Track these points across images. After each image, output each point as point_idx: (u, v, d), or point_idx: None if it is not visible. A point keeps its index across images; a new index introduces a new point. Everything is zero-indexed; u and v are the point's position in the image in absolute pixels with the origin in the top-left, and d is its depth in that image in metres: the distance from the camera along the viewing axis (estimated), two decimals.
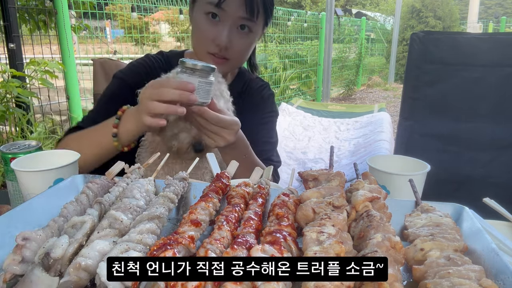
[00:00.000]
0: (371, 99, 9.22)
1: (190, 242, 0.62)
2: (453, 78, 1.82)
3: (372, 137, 3.98)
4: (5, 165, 1.07)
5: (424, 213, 0.76)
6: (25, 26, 3.92)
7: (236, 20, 1.19)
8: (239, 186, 0.85)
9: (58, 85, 3.97)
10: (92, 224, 0.67)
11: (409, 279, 0.64)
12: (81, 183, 0.91)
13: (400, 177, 0.96)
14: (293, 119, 5.10)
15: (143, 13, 6.03)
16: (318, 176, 0.86)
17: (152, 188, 0.83)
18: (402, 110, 1.94)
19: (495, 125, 1.77)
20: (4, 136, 3.67)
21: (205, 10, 1.19)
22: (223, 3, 1.15)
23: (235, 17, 1.18)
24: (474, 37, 1.84)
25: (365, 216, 0.69)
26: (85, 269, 0.57)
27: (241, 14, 1.18)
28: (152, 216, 0.68)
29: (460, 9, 13.59)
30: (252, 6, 1.17)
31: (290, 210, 0.74)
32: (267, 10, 1.24)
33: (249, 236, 0.64)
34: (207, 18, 1.20)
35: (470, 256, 0.64)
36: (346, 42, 10.58)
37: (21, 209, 0.75)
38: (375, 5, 24.33)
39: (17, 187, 1.04)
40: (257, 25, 1.24)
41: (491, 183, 1.74)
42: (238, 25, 1.20)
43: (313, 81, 8.61)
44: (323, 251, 0.57)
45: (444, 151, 1.84)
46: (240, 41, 1.22)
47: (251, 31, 1.23)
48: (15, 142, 1.12)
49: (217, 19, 1.19)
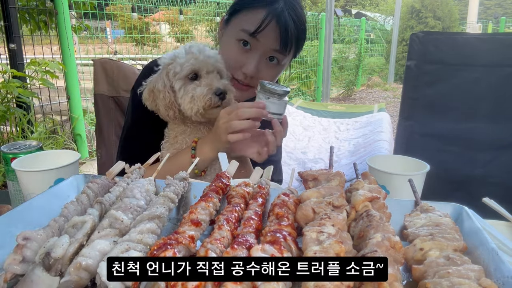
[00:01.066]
0: (370, 99, 9.22)
1: (190, 242, 0.62)
2: (453, 78, 1.82)
3: (372, 137, 3.98)
4: (6, 165, 1.07)
5: (424, 213, 0.76)
6: (26, 26, 3.92)
7: (267, 52, 1.18)
8: (239, 186, 0.85)
9: (59, 85, 3.98)
10: (92, 224, 0.67)
11: (409, 278, 0.64)
12: (82, 183, 0.91)
13: (400, 177, 0.96)
14: (293, 119, 5.09)
15: (144, 13, 6.04)
16: (318, 176, 0.86)
17: (152, 188, 0.83)
18: (402, 110, 1.95)
19: (494, 125, 1.77)
20: (4, 136, 3.67)
21: (238, 36, 1.17)
22: (258, 34, 1.14)
23: (267, 49, 1.17)
24: (474, 37, 1.84)
25: (364, 216, 0.69)
26: (85, 268, 0.57)
27: (274, 46, 1.16)
28: (152, 216, 0.69)
29: (459, 10, 13.60)
30: (287, 40, 1.15)
31: (290, 210, 0.74)
32: (299, 44, 1.23)
33: (249, 236, 0.64)
34: (239, 44, 1.18)
35: (469, 255, 0.64)
36: (346, 42, 10.58)
37: (21, 209, 0.75)
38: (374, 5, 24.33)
39: (18, 187, 1.04)
40: (287, 58, 1.22)
41: (491, 183, 1.75)
42: (268, 56, 1.19)
43: (313, 81, 8.61)
44: (323, 251, 0.57)
45: (443, 151, 1.84)
46: (267, 72, 1.21)
47: (280, 63, 1.22)
48: (16, 142, 1.13)
49: (248, 47, 1.18)
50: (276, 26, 1.14)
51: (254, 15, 1.14)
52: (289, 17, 1.15)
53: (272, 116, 1.11)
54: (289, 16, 1.15)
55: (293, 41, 1.18)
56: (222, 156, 1.07)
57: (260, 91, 1.12)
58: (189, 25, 7.52)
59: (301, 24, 1.19)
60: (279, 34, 1.14)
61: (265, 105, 1.09)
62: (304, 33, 1.23)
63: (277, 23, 1.13)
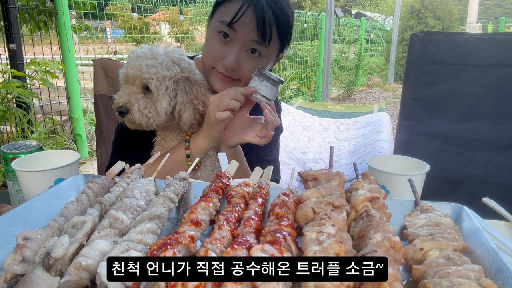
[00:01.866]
0: (370, 99, 9.22)
1: (190, 242, 0.62)
2: (453, 78, 1.83)
3: (372, 137, 3.99)
4: (6, 165, 1.07)
5: (424, 213, 0.76)
6: (26, 26, 3.92)
7: (246, 43, 1.16)
8: (239, 186, 0.85)
9: (59, 85, 3.98)
10: (92, 224, 0.67)
11: (409, 278, 0.64)
12: (82, 183, 0.91)
13: (400, 177, 0.96)
14: (293, 119, 5.10)
15: (143, 13, 6.04)
16: (318, 176, 0.86)
17: (152, 188, 0.83)
18: (402, 110, 1.95)
19: (494, 125, 1.77)
20: (4, 136, 3.67)
21: (218, 28, 1.17)
22: (234, 24, 1.13)
23: (246, 40, 1.15)
24: (474, 37, 1.84)
25: (364, 216, 0.69)
26: (85, 268, 0.57)
27: (252, 37, 1.15)
28: (152, 216, 0.69)
29: (459, 10, 13.60)
30: (265, 30, 1.13)
31: (290, 210, 0.74)
32: (282, 37, 1.20)
33: (249, 236, 0.64)
34: (219, 36, 1.17)
35: (469, 255, 0.64)
36: (345, 42, 10.59)
37: (21, 209, 0.75)
38: (374, 5, 24.33)
39: (18, 187, 1.04)
40: (269, 51, 1.20)
41: (491, 183, 1.75)
42: (249, 48, 1.18)
43: (312, 81, 8.62)
44: (323, 250, 0.57)
45: (443, 151, 1.84)
46: (248, 64, 1.19)
47: (261, 56, 1.20)
48: (16, 142, 1.13)
49: (228, 39, 1.17)
50: (253, 15, 1.12)
51: (233, 6, 1.14)
52: (268, 6, 1.13)
53: (261, 98, 1.15)
54: (267, 5, 1.13)
55: (273, 32, 1.16)
56: (222, 156, 1.07)
57: (256, 73, 1.16)
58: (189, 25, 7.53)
59: (283, 15, 1.16)
60: (256, 24, 1.13)
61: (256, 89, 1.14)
62: (288, 26, 1.20)
63: (254, 12, 1.12)
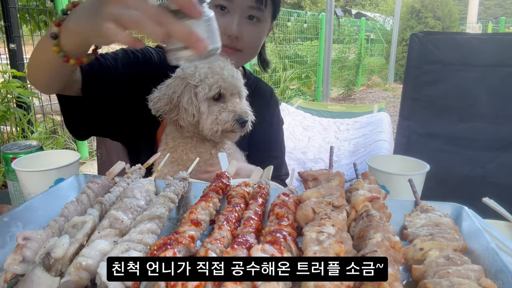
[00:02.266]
0: (370, 99, 9.22)
1: (190, 242, 0.62)
2: (453, 78, 1.83)
3: (372, 137, 3.99)
4: (6, 165, 1.07)
5: (424, 213, 0.76)
6: (26, 26, 3.92)
7: (244, 10, 1.20)
8: (239, 186, 0.85)
9: None
10: (92, 224, 0.67)
11: (409, 278, 0.64)
12: (82, 183, 0.91)
13: (400, 177, 0.96)
14: (293, 119, 5.10)
15: None
16: (318, 176, 0.86)
17: (152, 188, 0.83)
18: (402, 110, 1.95)
19: (494, 125, 1.77)
20: (5, 136, 3.67)
21: (213, 2, 1.19)
22: None
23: (243, 7, 1.20)
24: (474, 37, 1.84)
25: (364, 216, 0.69)
26: (85, 269, 0.57)
27: (249, 3, 1.19)
28: (152, 216, 0.69)
29: (459, 10, 13.59)
30: None
31: (290, 210, 0.74)
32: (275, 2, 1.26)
33: (249, 236, 0.64)
34: (216, 10, 1.19)
35: (469, 255, 0.64)
36: (345, 42, 10.58)
37: (21, 209, 0.75)
38: (374, 5, 24.31)
39: (18, 187, 1.04)
40: (266, 15, 1.25)
41: (491, 183, 1.75)
42: (247, 15, 1.22)
43: (312, 81, 8.61)
44: (323, 250, 0.57)
45: (443, 151, 1.84)
46: (250, 30, 1.23)
47: (260, 20, 1.24)
48: (16, 142, 1.13)
49: (226, 10, 1.20)
50: None
51: None
52: None
53: None
54: None
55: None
56: (222, 156, 1.07)
57: None
58: None
59: None
60: None
61: None
62: None
63: None
